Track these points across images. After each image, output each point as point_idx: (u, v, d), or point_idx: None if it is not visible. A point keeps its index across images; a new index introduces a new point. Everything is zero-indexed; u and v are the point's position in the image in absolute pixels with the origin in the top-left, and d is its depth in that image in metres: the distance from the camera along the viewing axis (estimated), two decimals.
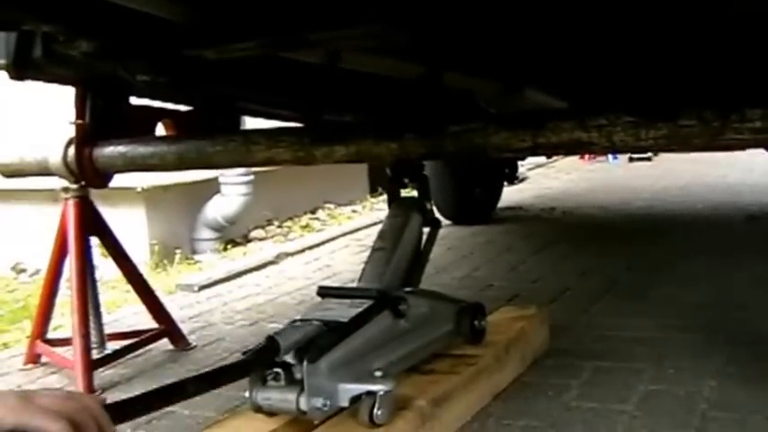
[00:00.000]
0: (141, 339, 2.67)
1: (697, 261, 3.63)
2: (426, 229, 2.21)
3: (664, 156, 8.71)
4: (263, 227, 5.64)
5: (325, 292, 1.98)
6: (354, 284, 2.12)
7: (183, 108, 2.71)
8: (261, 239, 5.39)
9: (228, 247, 5.21)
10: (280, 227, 5.72)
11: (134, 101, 2.62)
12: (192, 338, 2.81)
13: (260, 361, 1.63)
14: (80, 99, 2.47)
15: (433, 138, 1.93)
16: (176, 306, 3.28)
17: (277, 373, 1.62)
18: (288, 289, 3.61)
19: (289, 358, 1.63)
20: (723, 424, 1.85)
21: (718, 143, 1.65)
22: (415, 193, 2.27)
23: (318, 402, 1.60)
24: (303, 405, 1.59)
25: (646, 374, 2.20)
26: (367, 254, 2.14)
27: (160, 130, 2.64)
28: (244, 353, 1.65)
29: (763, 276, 3.21)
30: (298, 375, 1.61)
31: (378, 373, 1.71)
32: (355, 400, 1.66)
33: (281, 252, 4.44)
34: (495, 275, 3.64)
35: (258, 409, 1.66)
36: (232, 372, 1.63)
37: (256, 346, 1.65)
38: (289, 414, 1.65)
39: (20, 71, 2.24)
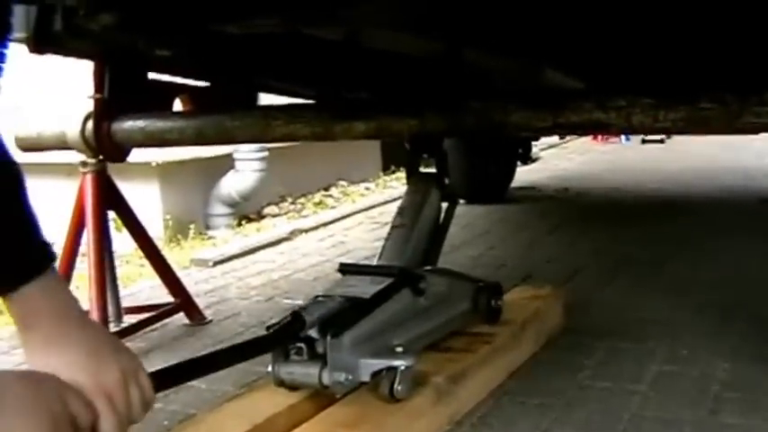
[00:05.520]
0: (158, 313, 2.68)
1: (710, 242, 3.63)
2: (444, 205, 2.22)
3: (676, 138, 8.68)
4: (276, 203, 5.67)
5: (346, 269, 1.99)
6: (374, 262, 2.13)
7: (200, 83, 2.71)
8: (274, 216, 5.41)
9: (242, 222, 5.23)
10: (293, 203, 5.74)
11: (151, 76, 2.62)
12: (207, 313, 2.82)
13: (286, 335, 1.64)
14: (98, 73, 2.47)
15: (453, 114, 1.93)
16: (191, 281, 3.28)
17: (300, 347, 1.63)
18: (302, 265, 3.62)
19: (312, 333, 1.64)
20: (736, 404, 1.86)
21: (737, 126, 1.65)
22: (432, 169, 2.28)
23: (341, 377, 1.62)
24: (326, 379, 1.61)
25: (659, 354, 2.21)
26: (380, 231, 2.16)
27: (177, 105, 2.65)
28: (267, 328, 1.66)
29: None
30: (320, 350, 1.62)
31: (398, 349, 1.73)
32: (376, 375, 1.67)
33: (296, 229, 4.45)
34: (510, 254, 3.65)
35: (281, 382, 1.67)
36: (262, 344, 1.64)
37: (282, 319, 1.66)
38: (310, 388, 1.67)
39: (40, 45, 2.23)
